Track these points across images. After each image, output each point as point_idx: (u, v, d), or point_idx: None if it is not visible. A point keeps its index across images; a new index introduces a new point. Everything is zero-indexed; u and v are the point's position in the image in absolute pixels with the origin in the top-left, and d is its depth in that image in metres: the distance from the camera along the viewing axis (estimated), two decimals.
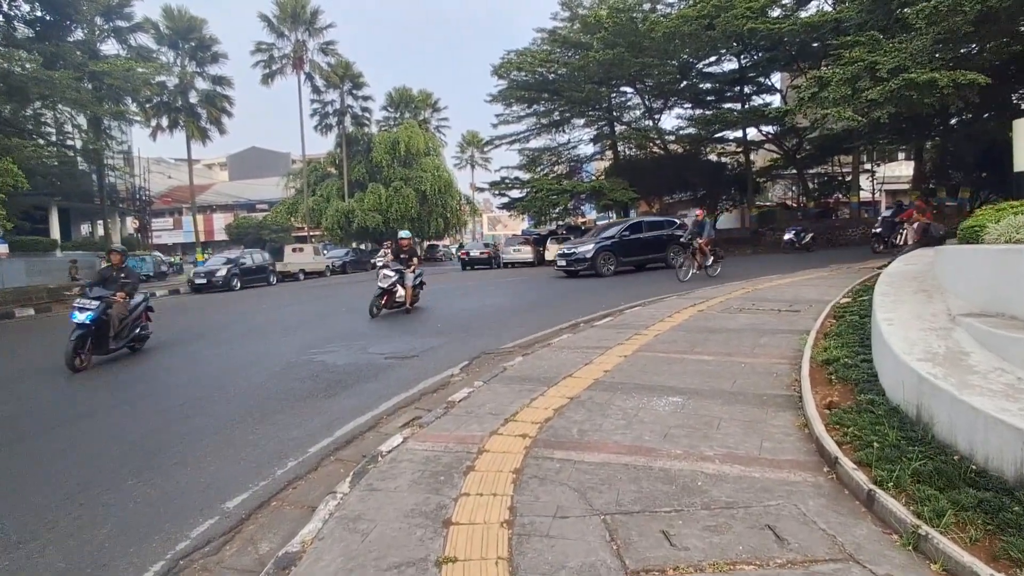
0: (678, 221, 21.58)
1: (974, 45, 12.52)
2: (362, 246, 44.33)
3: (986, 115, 23.55)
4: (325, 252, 35.73)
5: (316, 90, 41.15)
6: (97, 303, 8.17)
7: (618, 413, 4.68)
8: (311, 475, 4.12)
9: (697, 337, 7.22)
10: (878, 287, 6.63)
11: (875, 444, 3.54)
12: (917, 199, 14.50)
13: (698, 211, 15.82)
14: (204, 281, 23.84)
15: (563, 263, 18.58)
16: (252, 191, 55.65)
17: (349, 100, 42.45)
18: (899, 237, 16.43)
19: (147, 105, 33.50)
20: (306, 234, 42.27)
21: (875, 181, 39.07)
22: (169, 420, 5.56)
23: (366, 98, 43.30)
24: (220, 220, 53.78)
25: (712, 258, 14.69)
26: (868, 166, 37.07)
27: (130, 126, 33.35)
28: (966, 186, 36.69)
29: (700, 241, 14.19)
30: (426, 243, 48.67)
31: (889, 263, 11.89)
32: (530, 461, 3.84)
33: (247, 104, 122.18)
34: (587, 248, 18.13)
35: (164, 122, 35.04)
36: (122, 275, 9.13)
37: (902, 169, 44.59)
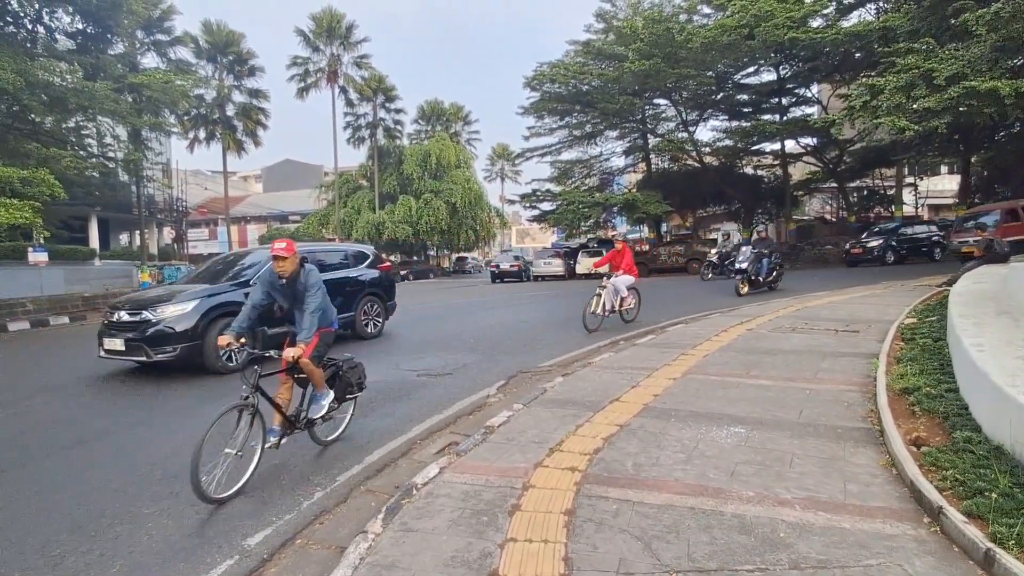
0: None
1: None
2: (392, 257, 44.48)
3: None
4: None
5: (349, 103, 41.64)
6: None
7: (675, 445, 4.24)
8: (340, 508, 3.77)
9: (751, 359, 6.72)
10: (953, 308, 6.06)
11: (986, 492, 3.04)
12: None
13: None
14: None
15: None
16: (285, 203, 56.44)
17: (381, 113, 42.84)
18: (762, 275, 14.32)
19: (185, 117, 34.22)
20: None
21: (918, 195, 37.75)
22: (190, 440, 5.27)
23: (398, 111, 43.70)
24: (254, 231, 54.62)
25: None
26: (910, 180, 35.81)
27: (167, 138, 33.99)
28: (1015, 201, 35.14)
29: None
30: (455, 255, 48.67)
31: (951, 280, 11.19)
32: (582, 500, 3.42)
33: (281, 117, 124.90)
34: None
35: (201, 134, 35.71)
36: None
37: (945, 183, 43.12)
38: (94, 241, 29.16)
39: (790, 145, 31.30)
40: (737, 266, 13.99)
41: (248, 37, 35.80)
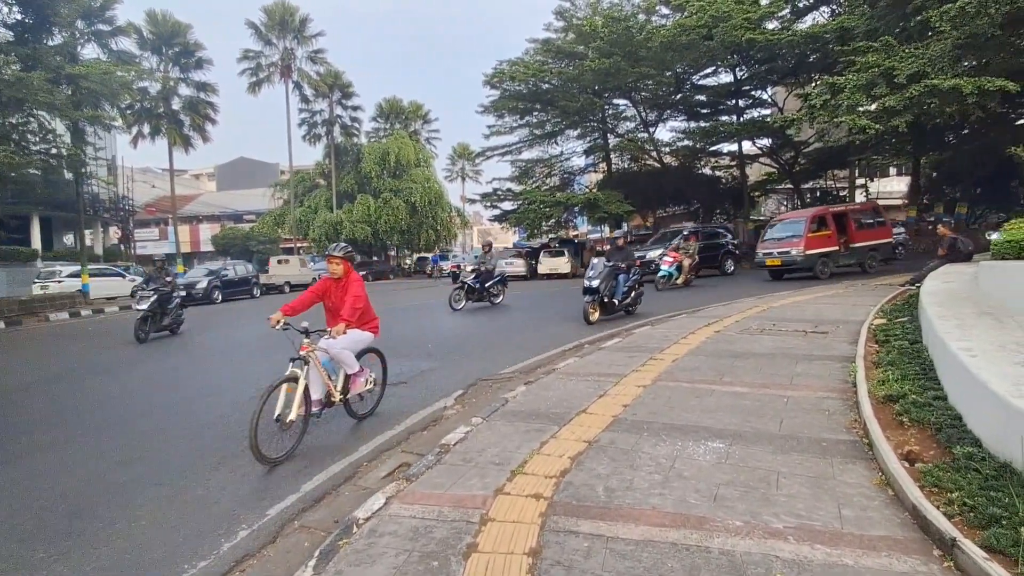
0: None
1: (1000, 54, 11.88)
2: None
3: (982, 131, 23.23)
4: (312, 264, 34.76)
5: (305, 99, 40.34)
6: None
7: (650, 464, 3.82)
8: (266, 551, 3.22)
9: (722, 364, 6.39)
10: (930, 309, 5.85)
11: (1004, 521, 2.71)
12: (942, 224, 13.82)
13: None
14: (183, 294, 22.79)
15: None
16: (240, 202, 54.55)
17: (338, 110, 41.67)
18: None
19: (128, 111, 32.55)
20: (293, 245, 41.24)
21: (868, 196, 38.79)
22: (108, 466, 4.63)
23: (356, 108, 42.56)
24: (207, 230, 52.59)
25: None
26: (861, 181, 36.75)
27: (108, 132, 32.25)
28: (963, 202, 36.57)
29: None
30: (415, 255, 47.78)
31: (914, 280, 11.21)
32: (549, 537, 2.97)
33: (236, 114, 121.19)
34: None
35: (146, 129, 34.00)
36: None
37: (894, 185, 44.51)
38: (36, 242, 27.41)
39: (747, 146, 31.64)
40: (587, 283, 10.39)
41: (196, 29, 34.16)
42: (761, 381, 5.60)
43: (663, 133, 33.64)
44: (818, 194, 37.84)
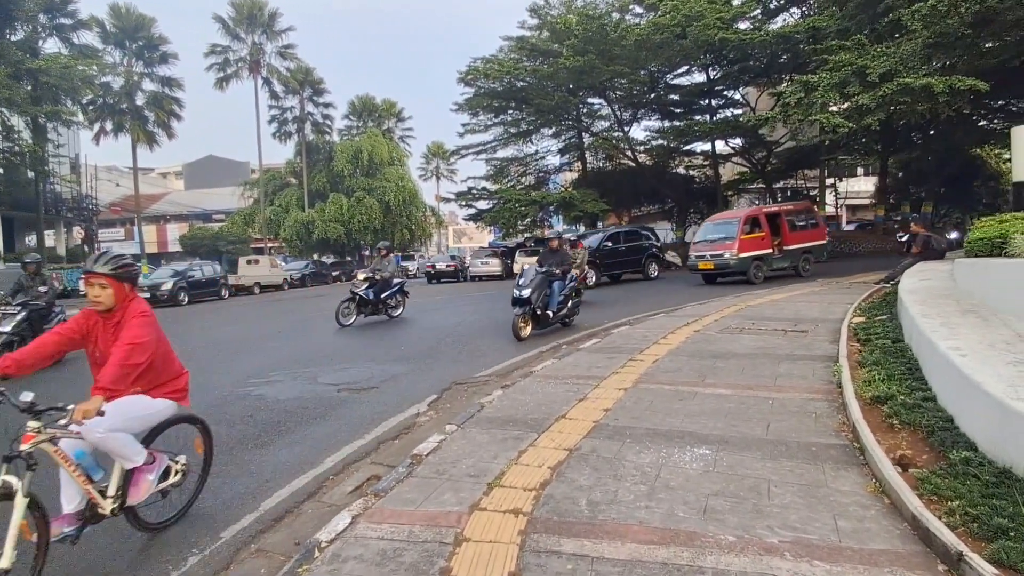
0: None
1: (973, 50, 12.04)
2: (323, 258, 42.64)
3: (947, 132, 23.71)
4: (283, 264, 34.04)
5: (274, 96, 39.56)
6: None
7: (634, 473, 3.61)
8: None
9: (703, 364, 6.23)
10: (912, 307, 5.76)
11: (1011, 532, 2.55)
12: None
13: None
14: (147, 295, 22.06)
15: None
16: (208, 201, 53.25)
17: (309, 107, 40.95)
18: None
19: (90, 107, 31.50)
20: (264, 245, 40.38)
21: (837, 196, 39.43)
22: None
23: (327, 105, 41.88)
24: (174, 230, 51.21)
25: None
26: (830, 181, 37.34)
27: (69, 128, 31.18)
28: (928, 201, 37.43)
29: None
30: (401, 255, 47.22)
31: (889, 278, 11.25)
32: (530, 558, 2.73)
33: (204, 111, 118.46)
34: None
35: (108, 125, 32.96)
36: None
37: (862, 185, 45.38)
38: None
39: (720, 146, 31.87)
40: (516, 293, 8.95)
41: (161, 23, 33.32)
42: (744, 383, 5.45)
43: (638, 132, 34.01)
44: (788, 194, 38.36)
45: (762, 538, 2.83)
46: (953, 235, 23.52)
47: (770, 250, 15.46)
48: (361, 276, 12.01)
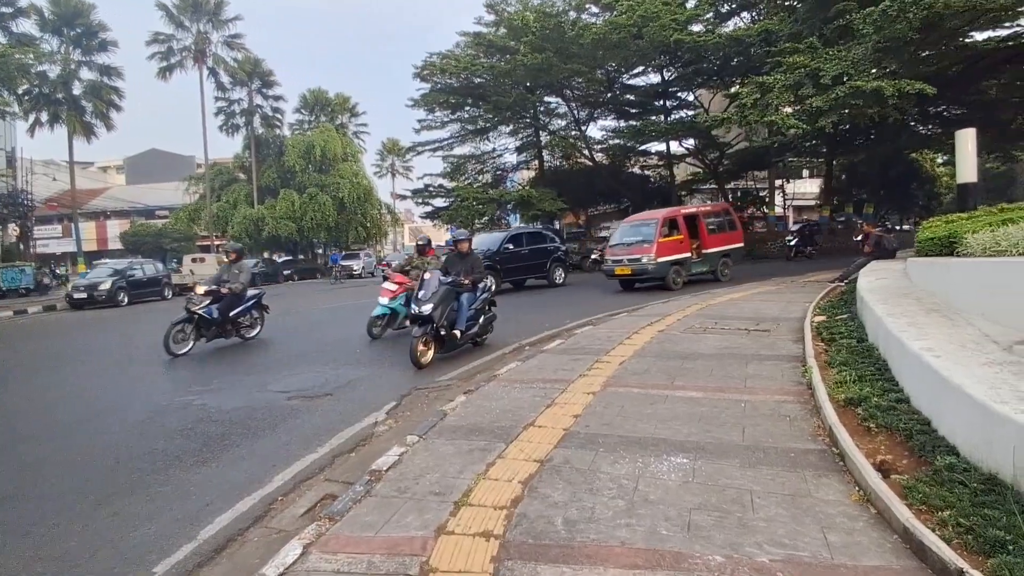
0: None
1: (924, 52, 12.43)
2: (275, 256, 41.29)
3: (887, 137, 24.63)
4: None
5: (221, 87, 38.01)
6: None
7: (611, 487, 3.40)
8: None
9: (671, 366, 6.10)
10: (876, 307, 5.76)
11: (1010, 546, 2.43)
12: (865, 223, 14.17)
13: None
14: (84, 296, 20.85)
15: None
16: (152, 196, 50.82)
17: (258, 99, 39.53)
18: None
19: (25, 97, 29.63)
20: (211, 243, 38.78)
21: (785, 197, 40.59)
22: None
23: (277, 98, 40.51)
24: (115, 227, 48.68)
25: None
26: (778, 183, 38.40)
27: (3, 120, 29.25)
28: (870, 202, 38.99)
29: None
30: (344, 252, 46.12)
31: (843, 277, 11.46)
32: None
33: (148, 103, 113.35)
34: None
35: (44, 116, 31.03)
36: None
37: (807, 186, 46.88)
38: None
39: (674, 147, 32.33)
40: (414, 309, 7.30)
41: (101, 9, 31.56)
42: (715, 385, 5.33)
43: (594, 132, 34.05)
44: (739, 194, 39.27)
45: (752, 557, 2.65)
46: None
47: (688, 254, 14.56)
48: (201, 290, 9.24)
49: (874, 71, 12.23)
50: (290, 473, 4.06)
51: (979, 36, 17.21)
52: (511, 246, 16.73)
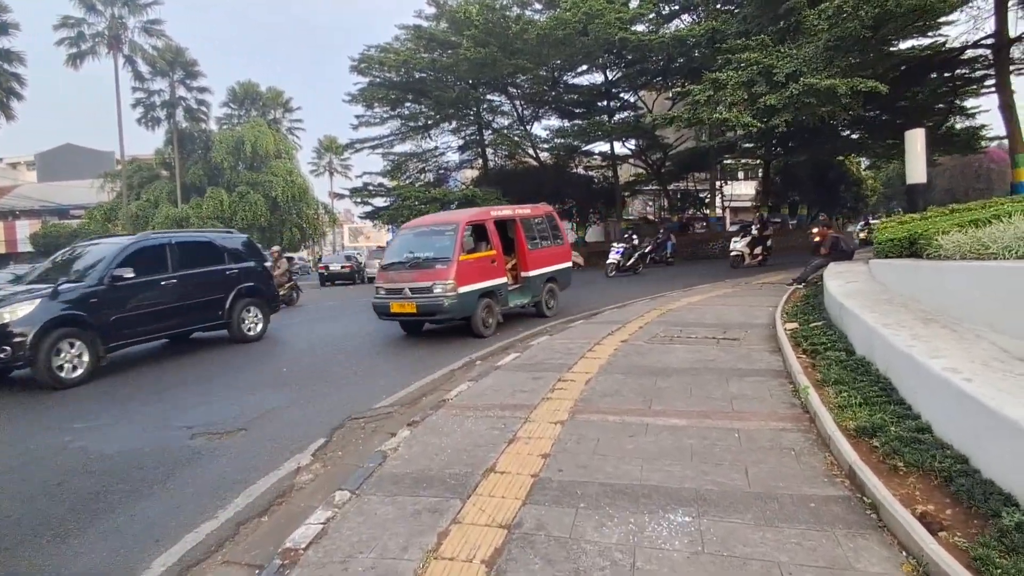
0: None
1: (870, 53, 12.42)
2: None
3: (818, 140, 25.20)
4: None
5: (139, 77, 35.16)
6: None
7: (603, 565, 2.62)
8: None
9: (644, 384, 5.40)
10: (863, 316, 5.24)
11: None
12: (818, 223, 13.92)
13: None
14: None
15: None
16: (65, 194, 46.88)
17: (181, 91, 36.87)
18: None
19: None
20: None
21: (724, 198, 41.38)
22: None
23: (202, 90, 37.82)
24: (25, 227, 44.60)
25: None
26: (716, 184, 39.08)
27: None
28: (803, 203, 40.21)
29: None
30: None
31: (801, 279, 11.16)
32: None
33: (61, 95, 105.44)
34: None
35: None
36: None
37: (742, 188, 48.10)
38: None
39: (618, 148, 32.24)
40: None
41: None
42: (698, 408, 4.65)
43: (539, 131, 33.46)
44: (679, 195, 39.70)
45: None
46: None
47: (504, 279, 9.68)
48: None
49: (825, 71, 12.08)
50: (176, 554, 3.06)
51: (903, 45, 17.69)
52: (131, 275, 8.14)
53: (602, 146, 31.87)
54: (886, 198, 52.72)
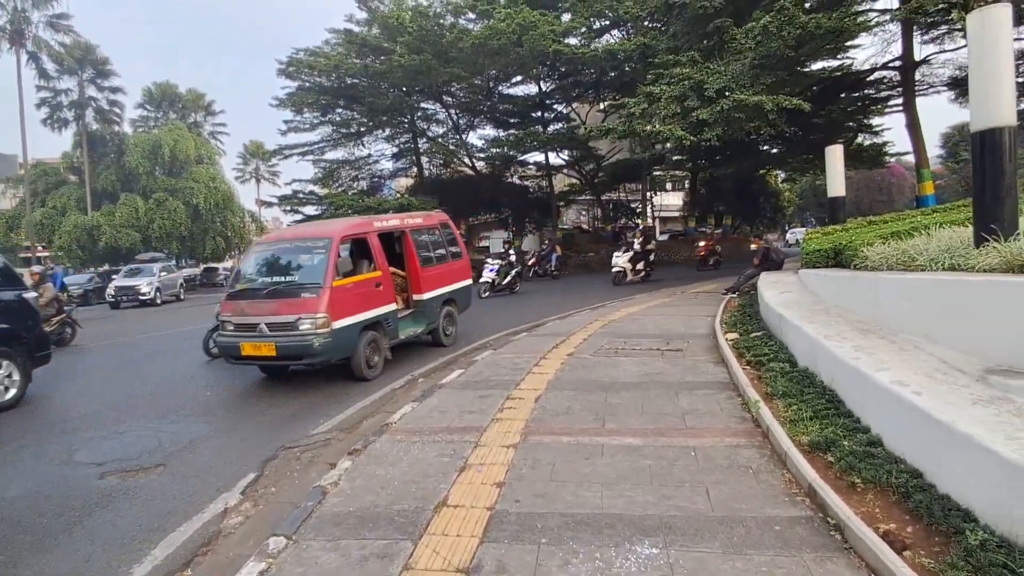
0: None
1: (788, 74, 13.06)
2: (115, 270, 36.17)
3: (739, 155, 26.41)
4: (55, 279, 27.92)
5: (44, 75, 32.66)
6: None
7: None
8: None
9: (594, 401, 5.28)
10: (803, 327, 5.34)
11: None
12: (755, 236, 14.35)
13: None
14: None
15: None
16: None
17: (92, 91, 34.50)
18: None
19: None
20: (32, 256, 33.13)
21: (653, 208, 42.62)
22: None
23: (115, 90, 35.52)
24: None
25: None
26: (648, 195, 40.20)
27: None
28: (728, 214, 42.00)
29: None
30: (202, 265, 41.63)
31: (734, 288, 11.45)
32: None
33: None
34: None
35: None
36: None
37: (669, 199, 49.78)
38: None
39: (553, 158, 32.58)
40: None
41: None
42: (652, 426, 4.56)
43: (475, 140, 33.27)
44: (611, 206, 40.56)
45: None
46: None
47: (393, 305, 7.91)
48: None
49: (752, 88, 12.58)
50: None
51: (815, 66, 18.76)
52: None
53: (537, 156, 32.10)
54: (800, 209, 56.01)
